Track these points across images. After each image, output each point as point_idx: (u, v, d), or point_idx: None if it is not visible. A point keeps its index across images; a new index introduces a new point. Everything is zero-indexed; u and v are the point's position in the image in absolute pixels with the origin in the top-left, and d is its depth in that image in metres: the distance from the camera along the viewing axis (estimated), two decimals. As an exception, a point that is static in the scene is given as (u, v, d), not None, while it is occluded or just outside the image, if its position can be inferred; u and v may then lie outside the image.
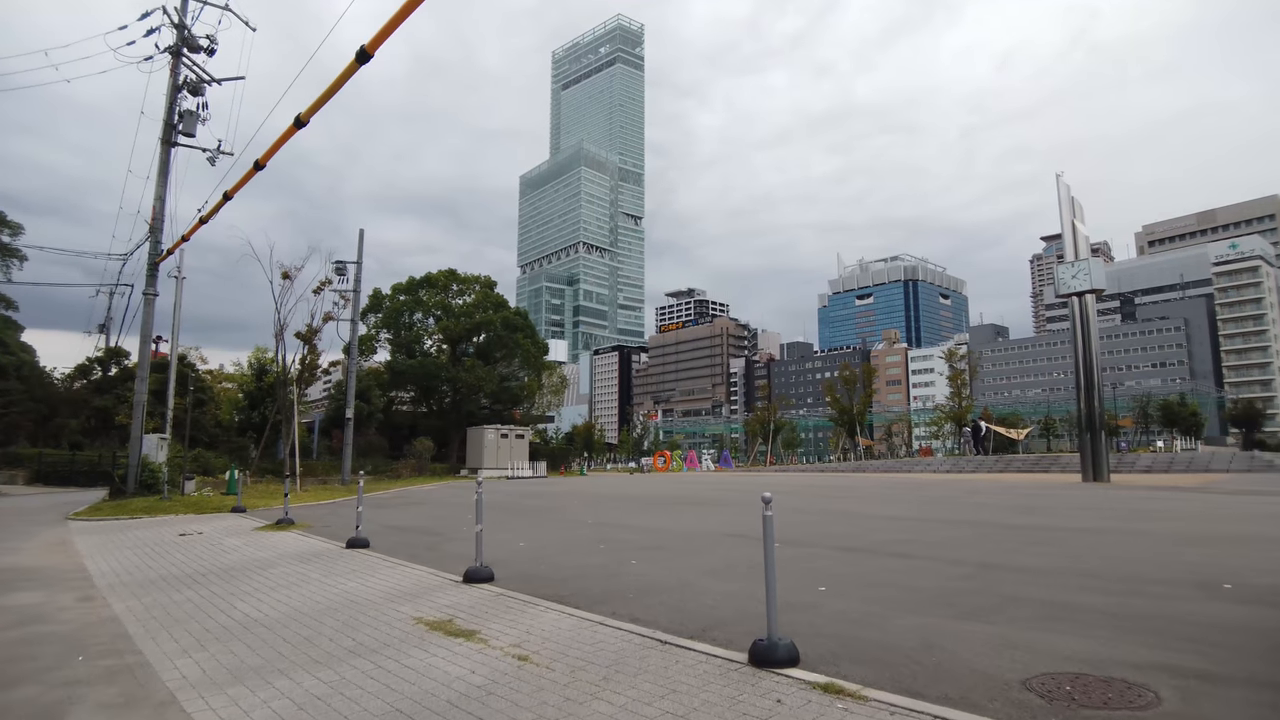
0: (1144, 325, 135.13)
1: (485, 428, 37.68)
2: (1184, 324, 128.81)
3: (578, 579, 6.08)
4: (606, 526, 10.14)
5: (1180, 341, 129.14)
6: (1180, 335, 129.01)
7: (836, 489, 18.61)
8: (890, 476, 28.27)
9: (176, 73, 18.47)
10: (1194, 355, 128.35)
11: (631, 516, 11.33)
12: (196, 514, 12.96)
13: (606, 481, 28.07)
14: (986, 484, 20.18)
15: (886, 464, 36.43)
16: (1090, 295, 22.90)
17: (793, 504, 13.39)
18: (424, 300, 42.34)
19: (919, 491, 17.05)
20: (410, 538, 9.34)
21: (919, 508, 12.43)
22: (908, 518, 10.86)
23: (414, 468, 31.72)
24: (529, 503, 14.91)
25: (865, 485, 20.32)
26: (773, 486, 20.34)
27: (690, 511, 12.26)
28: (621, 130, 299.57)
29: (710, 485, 21.98)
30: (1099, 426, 22.02)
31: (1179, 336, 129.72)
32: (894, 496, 15.45)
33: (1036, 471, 29.46)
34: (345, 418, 26.77)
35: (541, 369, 44.61)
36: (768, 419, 51.02)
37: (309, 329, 19.14)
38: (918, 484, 20.81)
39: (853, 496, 15.60)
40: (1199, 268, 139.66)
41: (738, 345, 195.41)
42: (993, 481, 22.15)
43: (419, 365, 39.26)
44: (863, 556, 7.15)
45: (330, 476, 27.06)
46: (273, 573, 6.83)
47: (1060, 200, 23.61)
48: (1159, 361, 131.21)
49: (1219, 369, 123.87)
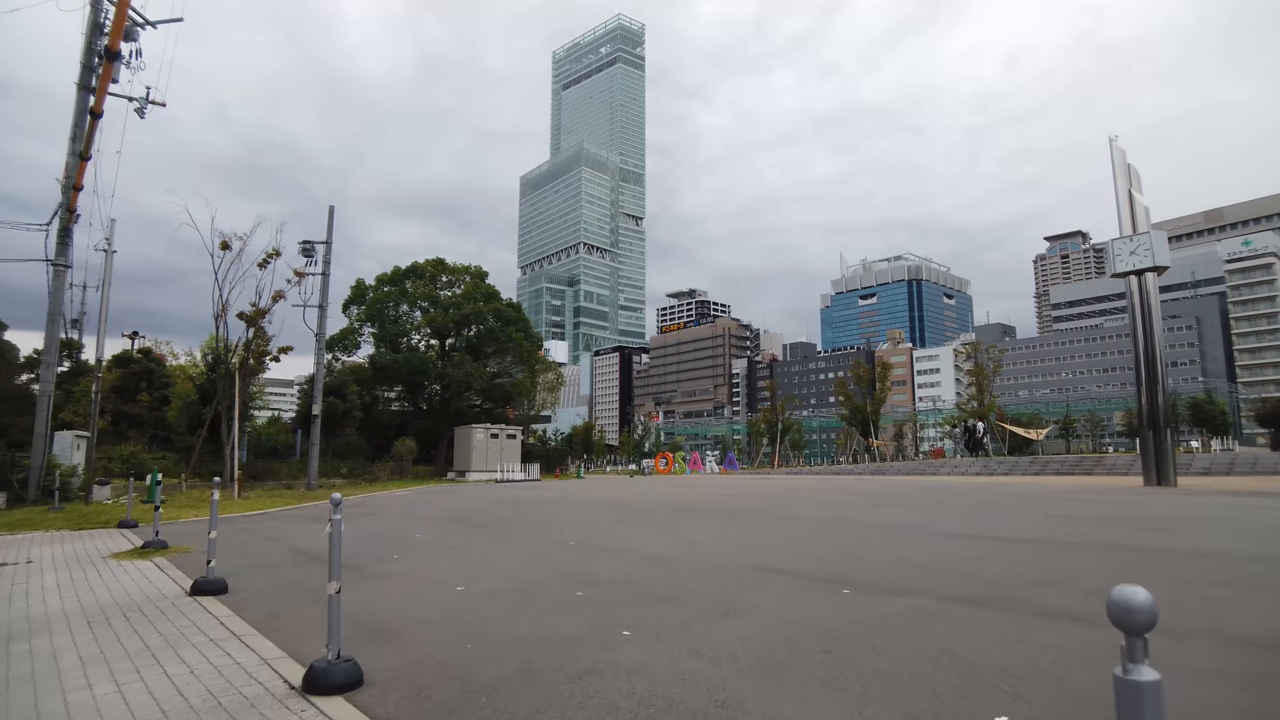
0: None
1: (474, 427, 34.87)
2: (1196, 322, 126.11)
3: (522, 683, 3.30)
4: (593, 551, 7.38)
5: (1192, 340, 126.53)
6: (1192, 334, 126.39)
7: (868, 496, 15.80)
8: (917, 480, 25.45)
9: (98, 7, 15.74)
10: (1206, 354, 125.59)
11: (627, 534, 8.56)
12: (74, 529, 10.20)
13: (603, 485, 25.26)
14: (1039, 489, 17.36)
15: (907, 466, 33.60)
16: (1152, 274, 20.10)
17: (825, 515, 10.62)
18: (410, 291, 39.56)
19: (965, 498, 14.25)
20: (305, 574, 6.54)
21: (990, 520, 9.64)
22: (996, 537, 8.07)
23: (393, 470, 28.93)
24: (504, 513, 12.13)
25: (899, 491, 17.51)
26: (791, 492, 17.52)
27: (701, 526, 9.49)
28: (622, 130, 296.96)
29: (718, 490, 19.19)
30: (1164, 424, 19.22)
31: (1190, 335, 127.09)
32: (941, 505, 12.65)
33: (1078, 474, 26.66)
34: (311, 415, 23.97)
35: (535, 365, 41.76)
36: (774, 419, 48.18)
37: (255, 310, 16.34)
38: (954, 489, 18.01)
39: (893, 504, 12.82)
40: (1209, 266, 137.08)
41: (740, 346, 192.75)
42: (1038, 485, 19.34)
43: (404, 360, 36.45)
44: (1036, 620, 4.37)
45: (297, 480, 24.27)
46: (14, 649, 4.05)
47: (1114, 167, 20.83)
48: (1170, 361, 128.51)
49: (1232, 367, 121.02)
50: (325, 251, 24.97)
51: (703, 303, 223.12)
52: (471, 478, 33.61)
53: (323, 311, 24.65)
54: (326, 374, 33.97)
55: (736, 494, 17.13)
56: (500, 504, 13.87)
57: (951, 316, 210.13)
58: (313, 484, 23.44)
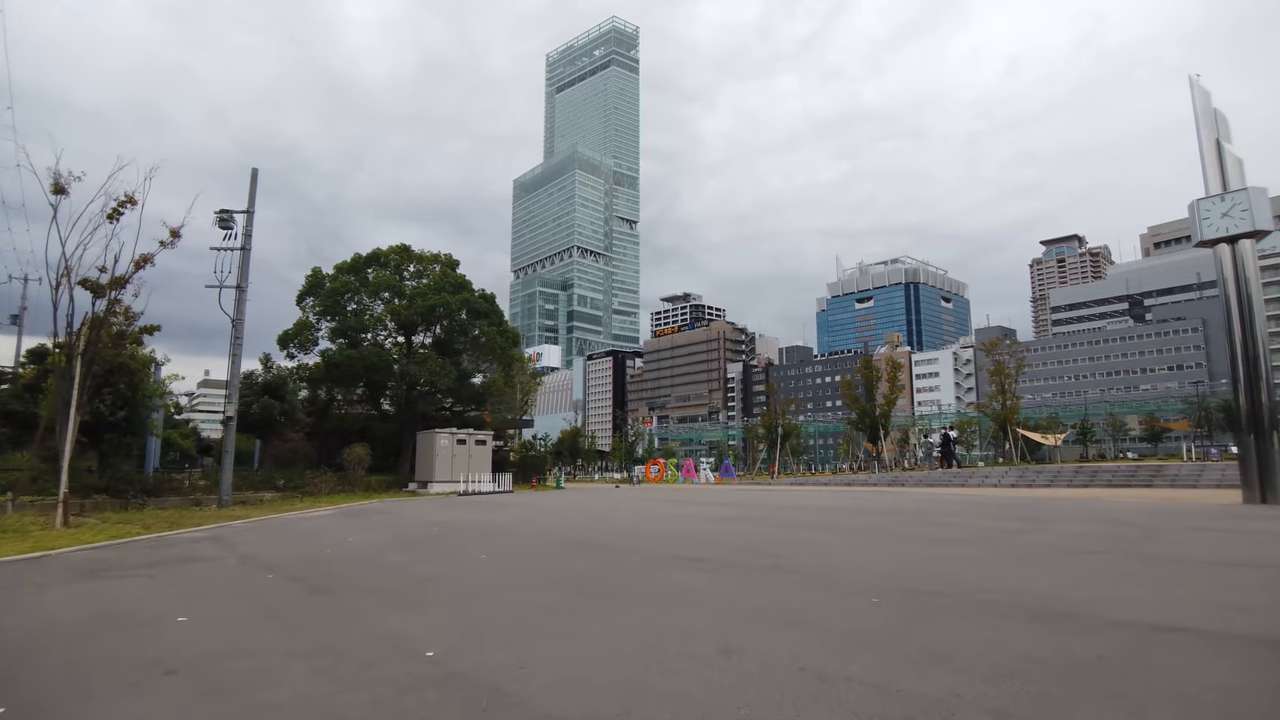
0: (1159, 326, 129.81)
1: (437, 432, 30.82)
2: (1202, 324, 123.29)
3: None
4: (450, 695, 3.44)
5: (1199, 343, 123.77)
6: (1199, 336, 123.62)
7: (908, 520, 11.88)
8: (946, 494, 21.55)
9: None
10: (1213, 356, 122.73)
11: (552, 628, 4.53)
12: None
13: (580, 500, 21.26)
14: (1121, 511, 13.47)
15: (926, 476, 29.71)
16: (1249, 241, 16.34)
17: (879, 564, 6.73)
18: (372, 281, 35.48)
19: (1046, 528, 10.35)
20: None
21: (1164, 581, 5.76)
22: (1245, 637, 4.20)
23: (336, 483, 24.83)
24: (392, 559, 8.16)
25: (937, 511, 13.60)
26: (806, 514, 13.57)
27: (695, 607, 5.54)
28: (616, 133, 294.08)
29: (715, 508, 15.23)
30: (1269, 427, 15.42)
31: (1197, 338, 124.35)
32: (1025, 541, 8.76)
33: (1135, 485, 22.79)
34: (225, 418, 19.89)
35: (511, 363, 37.71)
36: (774, 422, 44.26)
37: (111, 277, 12.37)
38: (1007, 508, 14.14)
39: (958, 538, 8.89)
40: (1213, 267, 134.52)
41: (735, 350, 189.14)
42: (1108, 502, 15.46)
43: (359, 356, 32.34)
44: None
45: (208, 495, 20.16)
46: None
47: (1197, 112, 17.09)
48: (1176, 364, 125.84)
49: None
50: (246, 223, 21.00)
51: (697, 306, 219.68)
52: (434, 489, 29.61)
53: (241, 294, 20.64)
54: (264, 372, 29.87)
55: (739, 517, 13.19)
56: (401, 543, 9.85)
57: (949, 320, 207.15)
58: (225, 500, 19.37)
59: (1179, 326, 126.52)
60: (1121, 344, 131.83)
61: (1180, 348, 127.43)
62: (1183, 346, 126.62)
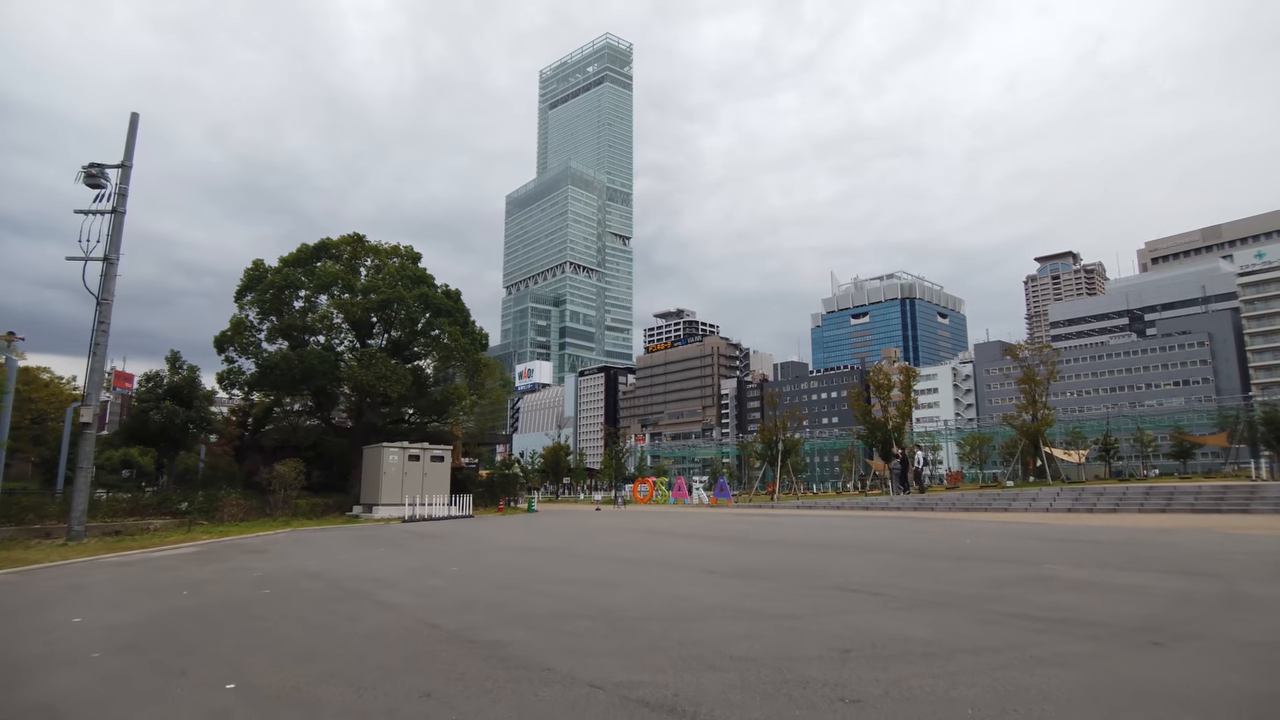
0: (1164, 341, 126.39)
1: (385, 447, 26.34)
2: (1208, 339, 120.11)
3: None
4: None
5: (1205, 358, 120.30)
6: (1205, 351, 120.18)
7: (1000, 565, 7.59)
8: (991, 521, 17.27)
9: None
10: (1219, 372, 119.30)
11: None
12: None
13: (535, 530, 16.85)
14: (1257, 548, 9.24)
15: (961, 499, 25.41)
16: None
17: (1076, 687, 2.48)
18: (319, 273, 31.13)
19: (1204, 581, 6.12)
20: None
21: None
22: None
23: (249, 508, 20.25)
24: None
25: (1025, 548, 9.32)
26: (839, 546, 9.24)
27: None
28: (610, 149, 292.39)
29: (710, 542, 10.89)
30: None
31: (1203, 352, 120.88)
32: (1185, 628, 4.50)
33: (1226, 510, 18.59)
34: (82, 424, 15.46)
35: (478, 368, 33.29)
36: (775, 437, 39.95)
37: None
38: (1114, 540, 9.88)
39: (1069, 624, 4.70)
40: (1215, 281, 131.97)
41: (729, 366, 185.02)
42: (1215, 533, 11.25)
43: (297, 359, 27.91)
44: None
45: (56, 523, 15.65)
46: None
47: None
48: (1181, 379, 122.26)
49: (1246, 385, 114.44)
50: (120, 178, 16.74)
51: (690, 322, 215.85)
52: (379, 513, 25.13)
53: (110, 266, 16.33)
54: (171, 374, 25.43)
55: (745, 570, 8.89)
56: (195, 616, 5.49)
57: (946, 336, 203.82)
58: (76, 530, 14.90)
59: (1184, 341, 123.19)
60: (1125, 359, 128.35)
61: (1186, 362, 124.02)
62: (1189, 361, 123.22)
